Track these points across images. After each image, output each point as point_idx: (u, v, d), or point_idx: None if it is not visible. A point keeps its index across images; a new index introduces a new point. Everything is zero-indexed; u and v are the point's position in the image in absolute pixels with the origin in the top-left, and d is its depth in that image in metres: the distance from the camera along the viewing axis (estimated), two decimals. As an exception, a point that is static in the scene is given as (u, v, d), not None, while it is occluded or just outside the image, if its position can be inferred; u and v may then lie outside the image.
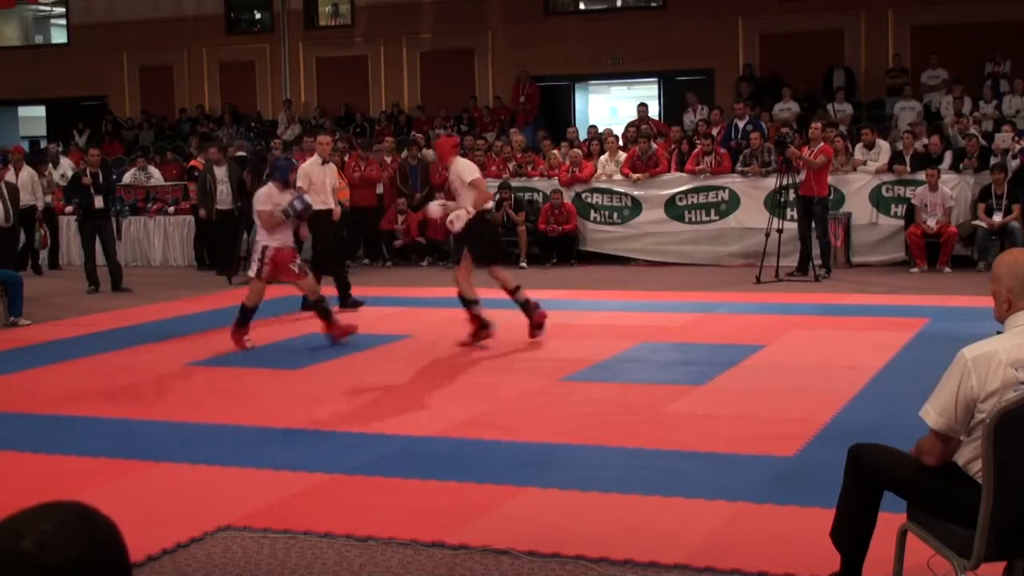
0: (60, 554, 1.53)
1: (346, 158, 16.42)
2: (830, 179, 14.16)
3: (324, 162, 11.56)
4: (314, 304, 10.01)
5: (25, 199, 15.51)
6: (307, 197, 9.98)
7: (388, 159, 16.89)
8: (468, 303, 9.53)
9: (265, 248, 9.72)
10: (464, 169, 9.56)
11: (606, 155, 16.25)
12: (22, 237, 15.33)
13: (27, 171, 16.04)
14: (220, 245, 15.52)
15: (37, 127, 26.38)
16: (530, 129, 18.97)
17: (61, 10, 25.57)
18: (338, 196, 15.28)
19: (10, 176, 14.54)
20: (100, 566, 1.56)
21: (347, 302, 11.73)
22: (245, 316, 9.76)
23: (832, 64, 19.19)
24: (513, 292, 9.68)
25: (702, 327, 10.27)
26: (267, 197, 9.80)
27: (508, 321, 10.46)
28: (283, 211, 9.68)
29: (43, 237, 16.80)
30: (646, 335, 9.76)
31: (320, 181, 11.38)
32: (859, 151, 15.34)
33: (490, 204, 9.93)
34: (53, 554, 1.53)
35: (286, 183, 9.90)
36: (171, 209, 17.44)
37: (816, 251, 13.76)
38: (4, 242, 13.08)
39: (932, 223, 14.05)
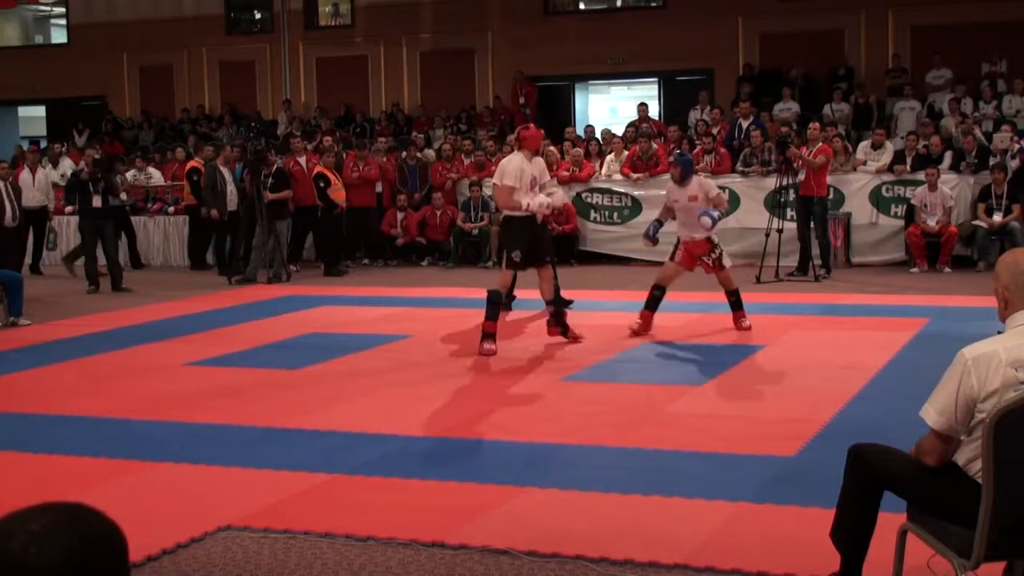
0: (45, 555, 1.52)
1: (343, 157, 16.42)
2: (830, 179, 14.15)
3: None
4: (734, 294, 10.12)
5: (39, 199, 15.56)
6: (714, 213, 9.75)
7: (383, 159, 16.86)
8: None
9: (680, 239, 10.10)
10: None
11: (612, 155, 16.22)
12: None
13: (41, 171, 16.11)
14: (221, 245, 15.54)
15: (37, 127, 26.38)
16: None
17: (61, 10, 25.57)
18: (333, 196, 15.33)
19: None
20: (88, 568, 1.55)
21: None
22: (654, 300, 9.97)
23: (836, 65, 19.19)
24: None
25: (702, 327, 10.28)
26: (667, 193, 10.26)
27: (509, 322, 10.47)
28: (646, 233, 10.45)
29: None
30: (646, 335, 9.76)
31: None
32: (862, 150, 15.32)
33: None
34: (37, 555, 1.52)
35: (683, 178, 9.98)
36: (171, 209, 17.45)
37: (816, 251, 13.75)
38: (9, 242, 13.08)
39: (932, 223, 14.05)
